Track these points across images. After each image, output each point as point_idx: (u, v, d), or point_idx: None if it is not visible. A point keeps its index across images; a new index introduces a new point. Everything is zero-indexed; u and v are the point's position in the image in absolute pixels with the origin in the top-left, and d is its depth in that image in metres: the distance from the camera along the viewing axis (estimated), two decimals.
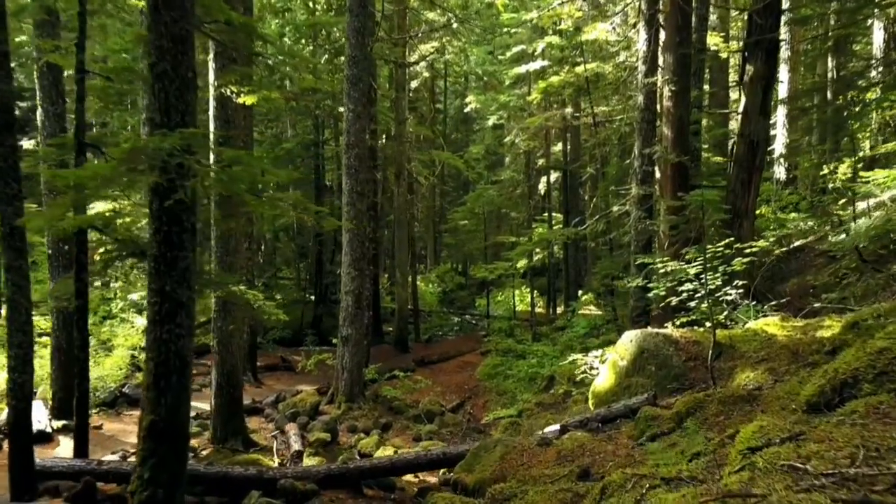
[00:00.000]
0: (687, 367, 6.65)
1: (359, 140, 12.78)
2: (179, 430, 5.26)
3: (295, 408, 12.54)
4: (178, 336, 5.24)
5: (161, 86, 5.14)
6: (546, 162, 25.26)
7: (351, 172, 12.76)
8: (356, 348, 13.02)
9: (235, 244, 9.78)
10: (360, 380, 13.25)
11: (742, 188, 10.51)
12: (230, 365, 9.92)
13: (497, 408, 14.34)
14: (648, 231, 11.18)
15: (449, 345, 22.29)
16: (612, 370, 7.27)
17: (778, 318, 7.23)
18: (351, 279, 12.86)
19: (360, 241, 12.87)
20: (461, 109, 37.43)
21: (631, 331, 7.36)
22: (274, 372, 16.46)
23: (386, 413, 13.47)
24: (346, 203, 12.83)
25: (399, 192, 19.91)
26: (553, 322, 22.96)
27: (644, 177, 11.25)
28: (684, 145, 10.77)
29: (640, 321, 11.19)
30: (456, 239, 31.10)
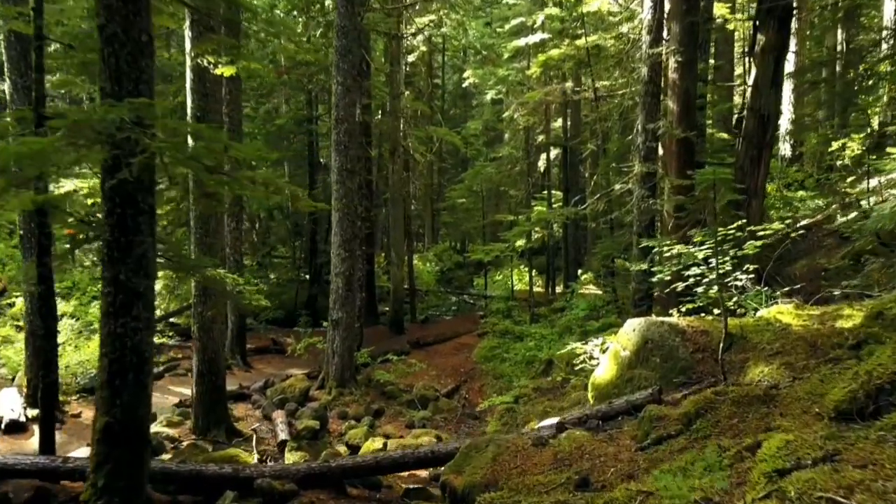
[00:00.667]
0: (694, 359, 6.16)
1: (349, 115, 12.19)
2: (137, 432, 4.79)
3: (283, 394, 12.11)
4: (134, 330, 4.74)
5: (111, 50, 4.59)
6: (546, 138, 24.62)
7: (340, 149, 12.19)
8: (347, 332, 12.56)
9: (216, 225, 9.26)
10: (352, 364, 12.81)
11: (751, 165, 9.97)
12: (212, 352, 9.44)
13: (493, 393, 13.91)
14: (652, 210, 10.64)
15: (445, 326, 21.85)
16: (614, 361, 6.79)
17: (792, 305, 6.73)
18: (341, 260, 12.35)
19: (350, 221, 12.34)
20: (459, 85, 36.63)
21: (634, 319, 6.86)
22: (264, 355, 16.01)
23: (378, 398, 13.05)
24: (335, 181, 12.28)
25: (394, 169, 19.33)
26: (552, 303, 22.47)
27: (647, 153, 10.68)
28: (690, 120, 10.19)
29: (643, 305, 10.71)
30: (454, 217, 30.54)
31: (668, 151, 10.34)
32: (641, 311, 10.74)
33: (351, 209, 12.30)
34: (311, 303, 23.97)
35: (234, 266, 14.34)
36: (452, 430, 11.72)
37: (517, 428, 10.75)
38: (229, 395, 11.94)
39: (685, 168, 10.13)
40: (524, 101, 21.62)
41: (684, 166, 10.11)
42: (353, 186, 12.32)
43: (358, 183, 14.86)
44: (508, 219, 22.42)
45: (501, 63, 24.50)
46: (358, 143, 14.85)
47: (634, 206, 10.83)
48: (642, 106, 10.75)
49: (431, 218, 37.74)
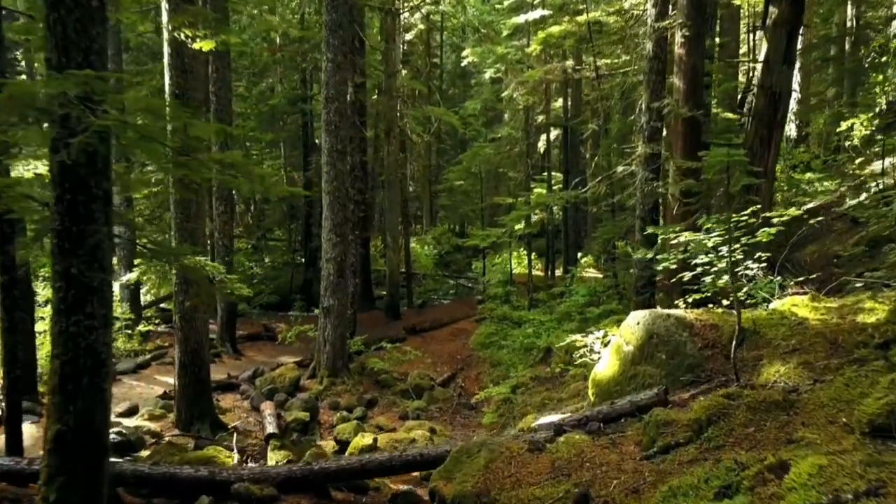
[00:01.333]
0: (703, 355, 5.72)
1: (339, 93, 11.66)
2: (94, 441, 4.35)
3: (273, 384, 11.71)
4: (88, 328, 4.29)
5: (56, 16, 4.09)
6: (546, 118, 24.05)
7: (331, 129, 11.68)
8: (339, 320, 12.13)
9: (197, 210, 8.79)
10: (344, 353, 12.40)
11: (761, 146, 9.47)
12: (195, 342, 9.01)
13: (490, 381, 13.53)
14: (656, 194, 10.16)
15: (442, 311, 21.44)
16: (616, 356, 6.35)
17: (807, 297, 6.28)
18: (332, 245, 11.89)
19: (341, 205, 11.86)
20: (458, 64, 35.96)
21: (638, 312, 6.41)
22: (256, 342, 15.61)
23: (372, 387, 12.66)
24: (325, 163, 11.78)
25: (389, 150, 18.80)
26: (551, 287, 22.02)
27: (652, 134, 10.18)
28: (698, 98, 9.67)
29: (645, 292, 10.27)
30: (451, 200, 29.98)
31: (673, 132, 9.84)
32: (644, 298, 10.32)
33: (342, 192, 11.82)
34: (306, 287, 23.53)
35: (224, 250, 13.90)
36: (447, 421, 11.34)
37: (514, 420, 10.37)
38: (217, 384, 11.56)
39: (692, 149, 9.63)
40: (524, 80, 21.02)
41: (691, 147, 9.61)
42: (344, 168, 11.82)
43: (351, 164, 14.36)
44: (507, 201, 21.91)
45: (500, 41, 23.83)
46: (350, 123, 14.33)
47: (637, 190, 10.35)
48: (646, 83, 10.24)
49: (430, 200, 37.20)
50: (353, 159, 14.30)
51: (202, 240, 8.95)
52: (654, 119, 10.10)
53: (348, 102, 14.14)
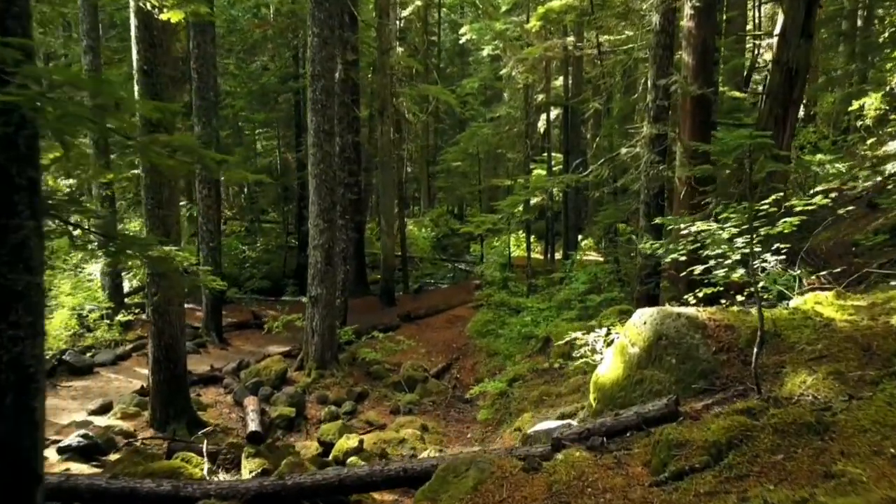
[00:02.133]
0: (718, 360, 5.14)
1: (326, 70, 10.99)
2: (22, 470, 3.78)
3: (258, 376, 11.17)
4: (13, 339, 3.69)
5: None
6: (546, 97, 23.32)
7: (317, 108, 11.02)
8: (327, 309, 11.57)
9: (169, 195, 8.17)
10: (333, 344, 11.85)
11: (776, 126, 8.83)
12: (169, 336, 8.45)
13: (486, 372, 13.00)
14: (662, 177, 9.54)
15: (439, 296, 20.90)
16: (621, 357, 5.78)
17: (831, 293, 5.69)
18: (319, 232, 11.29)
19: (329, 189, 11.24)
20: (457, 42, 35.12)
21: (644, 310, 5.83)
22: (243, 331, 15.05)
23: (363, 379, 12.14)
24: (311, 144, 11.15)
25: (383, 130, 18.11)
26: (551, 272, 21.46)
27: (658, 113, 9.53)
28: (708, 75, 9.01)
29: (650, 282, 9.69)
30: (448, 182, 29.28)
31: (681, 111, 9.19)
32: (648, 288, 9.75)
33: (329, 175, 11.19)
34: (299, 272, 22.90)
35: (209, 236, 13.30)
36: (441, 416, 10.82)
37: (510, 417, 9.84)
38: (199, 378, 11.05)
39: (701, 129, 9.00)
40: (523, 58, 20.27)
41: (700, 127, 8.98)
42: (331, 150, 11.18)
43: (341, 145, 13.72)
44: (506, 183, 21.31)
45: (499, 16, 23.04)
46: (340, 101, 13.67)
47: (642, 173, 9.73)
48: (653, 59, 9.57)
49: (427, 181, 36.50)
50: (343, 140, 13.65)
51: (175, 227, 8.34)
52: (661, 97, 9.45)
53: (338, 80, 13.47)
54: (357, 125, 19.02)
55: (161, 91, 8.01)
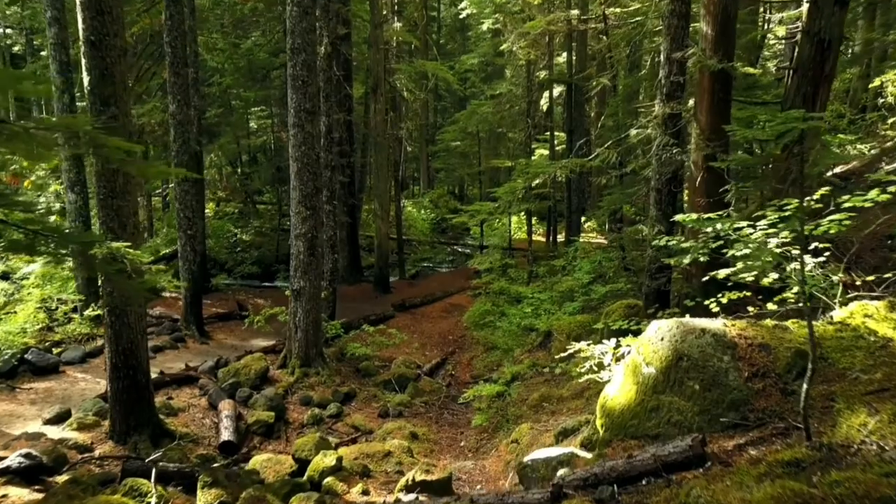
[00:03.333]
0: (751, 389, 4.29)
1: (307, 43, 10.03)
2: None
3: (237, 376, 10.36)
4: None
5: None
6: (548, 74, 22.26)
7: (297, 85, 10.08)
8: (311, 303, 10.73)
9: (125, 182, 7.28)
10: (318, 339, 11.03)
11: (804, 104, 7.87)
12: (128, 340, 7.62)
13: (483, 368, 12.20)
14: (675, 162, 8.61)
15: (436, 283, 20.07)
16: (633, 378, 4.93)
17: (883, 304, 4.81)
18: (302, 220, 10.41)
19: (312, 173, 10.33)
20: (457, 16, 33.98)
21: (661, 322, 4.96)
22: (227, 322, 14.23)
23: (351, 377, 11.34)
24: (292, 125, 10.23)
25: (376, 108, 17.13)
26: (553, 256, 20.59)
27: (672, 90, 8.58)
28: (729, 47, 8.04)
29: (661, 277, 8.81)
30: (446, 162, 28.26)
31: (699, 87, 8.24)
32: (658, 284, 8.87)
33: (312, 158, 10.28)
34: None
35: (186, 223, 12.42)
36: (433, 419, 10.02)
37: (507, 425, 9.02)
38: (171, 378, 10.25)
39: (720, 108, 8.07)
40: (524, 32, 19.23)
41: (719, 106, 8.05)
42: (313, 131, 10.25)
43: (328, 125, 12.78)
44: (506, 164, 20.36)
45: None
46: (327, 77, 12.71)
47: (653, 156, 8.80)
48: (666, 30, 8.59)
49: (427, 161, 35.50)
50: (328, 119, 12.71)
51: (133, 219, 7.45)
52: (676, 72, 8.50)
53: (323, 54, 12.50)
54: (350, 103, 18.06)
55: (112, 65, 7.09)
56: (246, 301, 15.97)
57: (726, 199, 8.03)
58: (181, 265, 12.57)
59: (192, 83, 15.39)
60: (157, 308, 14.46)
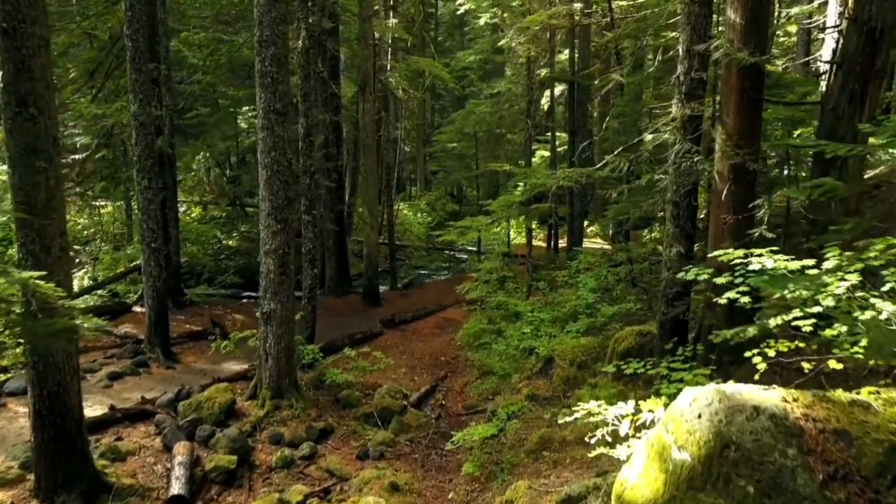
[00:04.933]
0: (830, 499, 3.12)
1: (277, 34, 8.87)
2: None
3: (199, 410, 9.20)
4: None
5: None
6: (550, 72, 21.10)
7: (266, 83, 8.93)
8: (283, 328, 9.57)
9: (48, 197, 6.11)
10: (291, 368, 9.88)
11: (850, 105, 6.73)
12: (55, 383, 6.47)
13: (477, 397, 11.04)
14: (695, 171, 7.44)
15: (431, 293, 18.90)
16: (660, 465, 3.77)
17: None
18: (272, 234, 9.25)
19: (282, 182, 9.17)
20: (455, 13, 32.87)
21: (697, 391, 3.79)
22: (199, 342, 13.03)
23: (329, 408, 10.18)
24: (260, 127, 9.07)
25: (365, 108, 15.96)
26: (554, 265, 19.42)
27: (693, 88, 7.41)
28: (760, 38, 6.87)
29: (678, 305, 7.64)
30: (442, 165, 27.06)
31: (724, 85, 7.07)
32: (677, 313, 7.69)
33: (283, 165, 9.12)
34: None
35: (150, 234, 11.26)
36: (419, 461, 8.86)
37: (501, 474, 7.84)
38: (123, 414, 9.10)
39: (749, 109, 6.91)
40: (524, 27, 18.03)
41: (749, 107, 6.89)
42: (284, 134, 9.09)
43: (306, 127, 11.61)
44: (505, 168, 19.19)
45: None
46: (305, 74, 11.54)
47: (671, 165, 7.63)
48: (686, 18, 7.43)
49: (424, 162, 34.35)
50: (307, 121, 11.53)
51: (59, 241, 6.29)
52: (697, 68, 7.33)
53: (301, 48, 11.34)
54: (337, 103, 16.90)
55: (30, 58, 5.93)
56: (223, 317, 14.82)
57: (758, 216, 6.88)
58: (144, 281, 11.43)
59: (163, 80, 14.26)
60: (123, 326, 13.31)
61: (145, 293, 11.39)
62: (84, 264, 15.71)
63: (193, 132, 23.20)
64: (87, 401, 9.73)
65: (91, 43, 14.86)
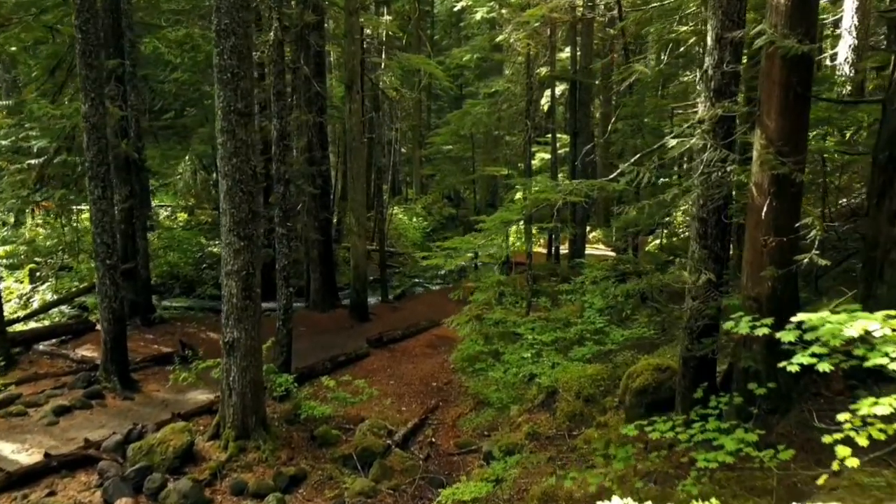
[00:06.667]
0: None
1: (238, 23, 7.68)
2: None
3: (150, 455, 8.00)
4: None
5: None
6: (550, 70, 19.91)
7: (226, 79, 7.73)
8: (249, 359, 8.37)
9: None
10: (258, 404, 8.67)
11: None
12: None
13: (471, 432, 9.84)
14: (727, 183, 6.24)
15: (423, 306, 17.69)
16: None
17: None
18: (234, 253, 8.05)
19: (246, 193, 7.97)
20: (452, 10, 31.75)
21: None
22: (165, 366, 11.76)
23: (303, 448, 8.98)
24: (220, 130, 7.87)
25: (352, 108, 14.77)
26: (555, 274, 18.24)
27: (724, 84, 6.20)
28: (809, 23, 5.68)
29: (707, 340, 6.43)
30: (437, 168, 25.83)
31: (765, 79, 5.86)
32: (704, 350, 6.48)
33: (246, 174, 7.92)
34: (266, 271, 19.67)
35: (105, 250, 10.05)
36: None
37: None
38: (60, 461, 7.87)
39: (796, 109, 5.73)
40: (524, 21, 16.86)
41: (795, 106, 5.70)
42: (248, 138, 7.89)
43: (280, 129, 10.40)
44: (502, 173, 18.01)
45: None
46: (279, 71, 10.35)
47: (696, 174, 6.42)
48: (717, 0, 6.23)
49: (420, 164, 33.13)
50: (281, 123, 10.30)
51: None
52: (729, 59, 6.13)
53: (274, 42, 10.14)
54: (322, 103, 15.69)
55: None
56: (196, 336, 13.59)
57: (808, 238, 5.69)
58: (99, 302, 10.21)
59: (128, 77, 13.07)
60: (82, 348, 12.10)
61: (100, 315, 10.19)
62: (46, 278, 14.50)
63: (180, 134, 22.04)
64: (25, 443, 8.61)
65: (53, 38, 13.64)
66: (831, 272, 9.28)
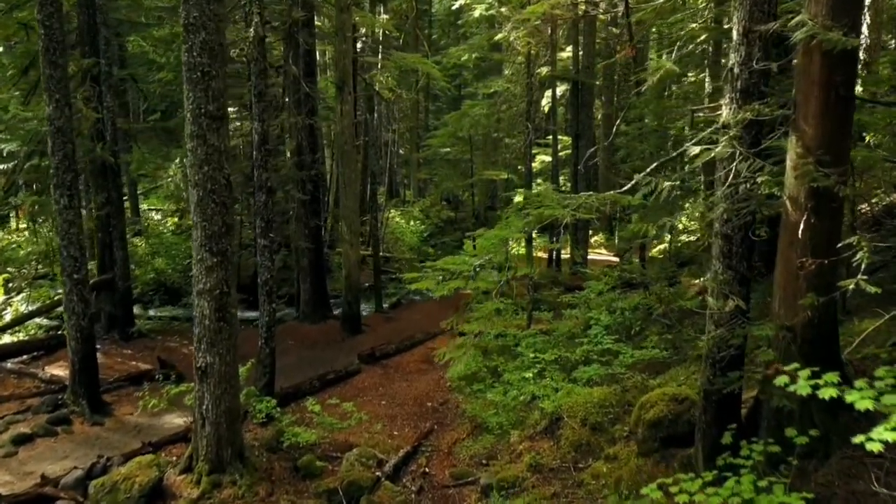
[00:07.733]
0: None
1: (207, 16, 6.93)
2: None
3: (113, 492, 7.25)
4: None
5: None
6: (551, 70, 19.18)
7: (195, 77, 6.98)
8: (223, 386, 7.62)
9: None
10: (235, 434, 7.92)
11: None
12: None
13: (468, 460, 9.08)
14: (756, 196, 5.50)
15: (419, 316, 16.96)
16: None
17: None
18: (206, 270, 7.30)
19: (219, 204, 7.22)
20: (450, 9, 31.02)
21: None
22: (141, 386, 11.01)
23: (285, 481, 8.23)
24: (188, 134, 7.13)
25: (343, 110, 14.02)
26: (556, 283, 17.51)
27: (752, 84, 5.46)
28: (853, 14, 4.96)
29: (733, 372, 5.68)
30: (434, 171, 25.07)
31: (802, 78, 5.13)
32: (730, 384, 5.73)
33: (220, 183, 7.18)
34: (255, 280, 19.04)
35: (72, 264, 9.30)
36: None
37: None
38: (13, 500, 7.11)
39: (839, 113, 5.01)
40: (524, 19, 16.18)
41: (837, 109, 4.97)
42: (220, 144, 7.15)
43: (261, 133, 9.66)
44: (502, 177, 17.29)
45: None
46: (260, 69, 9.60)
47: (720, 185, 5.67)
48: None
49: (418, 166, 32.38)
50: (262, 126, 9.56)
51: None
52: (759, 56, 5.39)
53: (254, 39, 9.40)
54: (312, 104, 14.94)
55: None
56: (177, 351, 12.83)
57: (853, 262, 4.94)
58: (66, 319, 9.46)
59: (104, 77, 12.33)
60: (53, 367, 11.34)
61: (68, 333, 9.43)
62: (20, 288, 13.76)
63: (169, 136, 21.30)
64: None
65: (27, 36, 12.90)
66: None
